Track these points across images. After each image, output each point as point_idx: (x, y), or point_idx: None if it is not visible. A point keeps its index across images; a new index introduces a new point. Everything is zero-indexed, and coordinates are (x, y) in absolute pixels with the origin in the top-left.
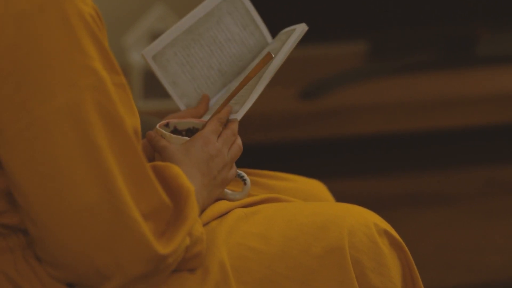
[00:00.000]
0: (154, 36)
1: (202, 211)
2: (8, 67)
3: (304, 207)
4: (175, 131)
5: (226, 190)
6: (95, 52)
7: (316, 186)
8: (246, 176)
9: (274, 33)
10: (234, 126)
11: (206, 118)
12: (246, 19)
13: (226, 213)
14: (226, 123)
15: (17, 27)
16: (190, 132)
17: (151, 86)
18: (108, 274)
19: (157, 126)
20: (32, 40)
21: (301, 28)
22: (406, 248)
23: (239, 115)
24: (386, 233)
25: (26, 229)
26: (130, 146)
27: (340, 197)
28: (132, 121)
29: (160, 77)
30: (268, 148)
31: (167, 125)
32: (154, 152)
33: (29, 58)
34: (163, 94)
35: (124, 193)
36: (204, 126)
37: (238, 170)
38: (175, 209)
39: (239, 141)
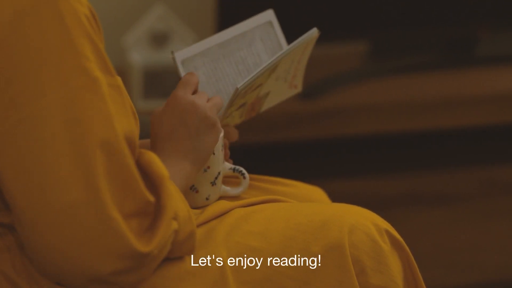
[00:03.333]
0: (154, 36)
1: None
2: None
3: (303, 207)
4: None
5: (225, 187)
6: (90, 53)
7: (316, 193)
8: (244, 171)
9: None
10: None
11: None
12: (276, 49)
13: (226, 212)
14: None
15: (11, 25)
16: None
17: (151, 86)
18: (90, 272)
19: None
20: (26, 38)
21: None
22: (407, 248)
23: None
24: (387, 233)
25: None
26: (118, 147)
27: (340, 197)
28: (124, 123)
29: None
30: (268, 148)
31: None
32: None
33: (21, 56)
34: (163, 94)
35: (105, 193)
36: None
37: (236, 166)
38: (156, 201)
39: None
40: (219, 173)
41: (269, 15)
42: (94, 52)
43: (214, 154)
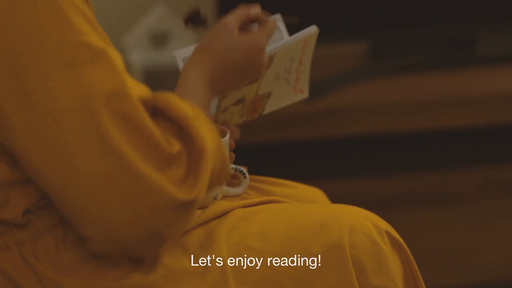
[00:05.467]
0: (154, 36)
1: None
2: (2, 55)
3: (304, 207)
4: None
5: (226, 186)
6: (87, 27)
7: (316, 194)
8: (245, 171)
9: None
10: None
11: None
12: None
13: (226, 213)
14: None
15: (6, 14)
16: None
17: (151, 86)
18: (142, 233)
19: None
20: (23, 24)
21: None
22: (407, 249)
23: None
24: (387, 233)
25: (21, 225)
26: (133, 111)
27: (340, 197)
28: (136, 87)
29: None
30: (268, 148)
31: None
32: None
33: (21, 42)
34: None
35: (132, 156)
36: None
37: (237, 166)
38: (187, 143)
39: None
40: None
41: (276, 19)
42: (91, 26)
43: None
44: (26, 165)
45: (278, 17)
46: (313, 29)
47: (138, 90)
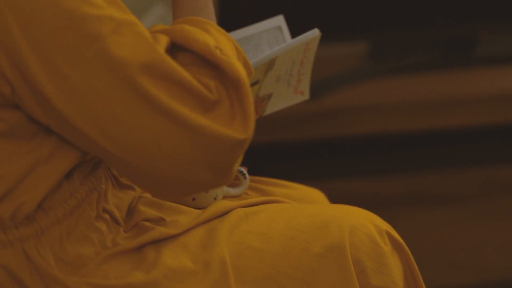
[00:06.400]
0: None
1: None
2: (26, 45)
3: (304, 207)
4: None
5: (226, 187)
6: (103, 2)
7: (316, 195)
8: (245, 172)
9: None
10: None
11: None
12: None
13: (227, 212)
14: None
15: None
16: None
17: None
18: (219, 175)
19: None
20: (42, 9)
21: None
22: (407, 249)
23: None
24: (387, 234)
25: (25, 223)
26: (167, 66)
27: (340, 197)
28: (160, 45)
29: None
30: (268, 148)
31: None
32: None
33: (44, 29)
34: None
35: (181, 110)
36: None
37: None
38: (220, 79)
39: None
40: None
41: (279, 20)
42: (106, 0)
43: None
44: (84, 145)
45: (280, 18)
46: (315, 33)
47: (160, 42)
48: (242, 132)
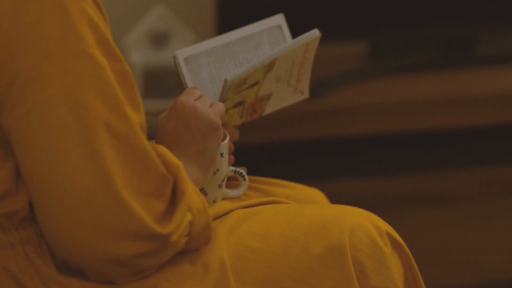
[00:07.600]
0: (154, 36)
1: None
2: (5, 57)
3: (304, 208)
4: None
5: (226, 189)
6: (93, 39)
7: (315, 195)
8: (244, 173)
9: None
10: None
11: None
12: None
13: (227, 213)
14: None
15: (14, 15)
16: None
17: (151, 86)
18: (111, 256)
19: None
20: (28, 28)
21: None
22: (408, 250)
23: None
24: (388, 234)
25: (25, 224)
26: (129, 127)
27: (340, 197)
28: (133, 108)
29: (186, 78)
30: (267, 148)
31: None
32: None
33: (25, 46)
34: (163, 94)
35: (115, 176)
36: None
37: (236, 168)
38: (173, 188)
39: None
40: (225, 175)
41: (279, 19)
42: (98, 38)
43: (223, 157)
44: (20, 165)
45: (280, 17)
46: (315, 33)
47: (132, 108)
48: (161, 227)
